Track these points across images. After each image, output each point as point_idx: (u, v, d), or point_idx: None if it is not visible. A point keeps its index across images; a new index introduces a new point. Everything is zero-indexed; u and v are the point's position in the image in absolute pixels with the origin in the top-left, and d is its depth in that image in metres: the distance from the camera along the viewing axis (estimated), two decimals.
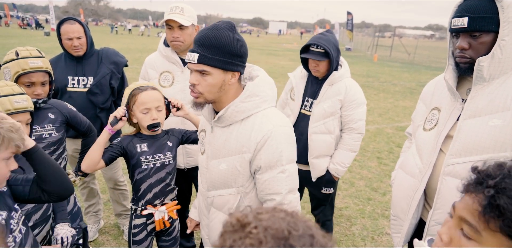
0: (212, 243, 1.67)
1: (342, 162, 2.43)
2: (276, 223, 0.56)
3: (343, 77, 2.34)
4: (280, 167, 1.42)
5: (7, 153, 1.15)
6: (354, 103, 2.33)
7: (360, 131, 2.41)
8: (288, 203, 1.45)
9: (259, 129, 1.40)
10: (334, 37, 2.32)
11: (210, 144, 1.55)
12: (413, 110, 8.13)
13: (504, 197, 0.77)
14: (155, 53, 2.40)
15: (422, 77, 14.99)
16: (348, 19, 27.86)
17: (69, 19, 2.50)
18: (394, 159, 5.20)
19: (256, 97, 1.43)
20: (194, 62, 1.34)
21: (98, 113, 2.64)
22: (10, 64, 1.81)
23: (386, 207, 3.75)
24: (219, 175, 1.52)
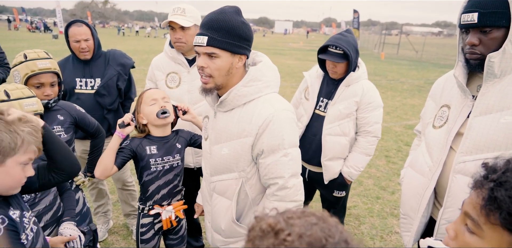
0: (215, 230, 1.68)
1: (356, 166, 2.37)
2: (309, 229, 0.55)
3: (360, 79, 2.29)
4: (283, 150, 1.43)
5: (25, 157, 1.15)
6: (370, 105, 2.28)
7: (376, 134, 2.35)
8: (291, 186, 1.47)
9: (261, 113, 1.41)
10: (354, 38, 2.27)
11: (213, 129, 1.57)
12: (422, 108, 8.05)
13: (502, 190, 0.77)
14: (161, 55, 2.41)
15: (430, 75, 14.84)
16: (354, 17, 27.70)
17: (77, 22, 2.52)
18: (402, 157, 5.15)
19: (259, 81, 1.45)
20: (204, 44, 1.35)
21: (105, 114, 2.65)
22: (19, 67, 1.84)
23: (395, 206, 3.71)
24: (221, 160, 1.54)
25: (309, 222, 0.57)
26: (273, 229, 0.56)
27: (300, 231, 0.55)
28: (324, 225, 0.57)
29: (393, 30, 57.16)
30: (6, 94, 1.50)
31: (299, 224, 0.56)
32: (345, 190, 2.51)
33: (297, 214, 0.59)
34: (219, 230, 1.65)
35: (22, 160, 1.14)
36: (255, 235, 0.58)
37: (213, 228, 1.70)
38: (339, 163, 2.40)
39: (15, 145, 1.10)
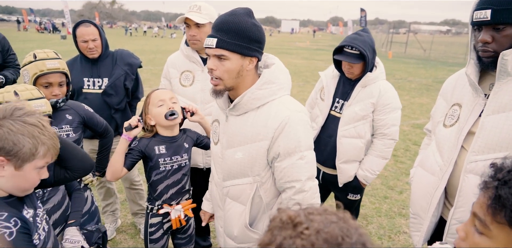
0: (228, 236, 1.66)
1: (371, 169, 2.30)
2: (328, 226, 0.56)
3: (378, 79, 2.22)
4: (299, 153, 1.41)
5: (43, 161, 1.15)
6: (388, 107, 2.19)
7: (393, 137, 2.27)
8: (308, 189, 1.45)
9: (276, 116, 1.39)
10: (370, 37, 2.19)
11: (225, 133, 1.54)
12: (430, 107, 7.93)
13: (506, 188, 0.77)
14: (177, 52, 2.41)
15: (438, 73, 14.70)
16: (361, 16, 27.55)
17: (85, 22, 2.54)
18: (410, 157, 5.11)
19: (273, 84, 1.43)
20: (213, 46, 1.35)
21: (113, 114, 2.67)
22: (29, 66, 1.85)
23: (403, 205, 3.68)
24: (235, 164, 1.52)
25: (329, 219, 0.57)
26: (292, 221, 0.57)
27: (318, 227, 0.55)
28: (344, 225, 0.57)
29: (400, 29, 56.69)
30: (16, 94, 1.52)
31: (319, 220, 0.57)
32: (359, 193, 2.45)
33: (318, 211, 0.60)
34: (232, 235, 1.62)
35: (39, 165, 1.15)
36: (275, 225, 0.59)
37: (225, 233, 1.67)
38: (354, 166, 2.33)
39: (36, 151, 1.11)
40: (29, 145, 1.09)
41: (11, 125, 1.07)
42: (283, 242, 0.55)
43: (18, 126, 1.08)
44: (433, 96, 9.56)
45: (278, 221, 0.59)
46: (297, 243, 0.54)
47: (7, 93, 1.51)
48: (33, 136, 1.10)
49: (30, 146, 1.09)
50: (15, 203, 1.15)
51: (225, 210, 1.63)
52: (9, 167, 1.09)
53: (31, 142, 1.09)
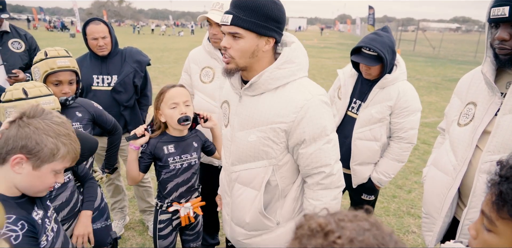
0: (236, 223, 1.61)
1: (386, 172, 2.23)
2: (362, 234, 0.53)
3: (397, 80, 2.11)
4: (326, 137, 1.36)
5: (61, 165, 1.15)
6: (406, 110, 2.10)
7: (411, 141, 2.18)
8: (336, 172, 1.42)
9: (297, 99, 1.33)
10: (390, 38, 2.10)
11: (237, 114, 1.47)
12: (439, 105, 7.86)
13: (506, 184, 0.79)
14: (199, 48, 2.38)
15: (447, 72, 14.53)
16: (369, 14, 27.30)
17: (94, 20, 2.55)
18: (419, 155, 5.06)
19: (293, 63, 1.36)
20: (228, 23, 1.28)
21: (122, 111, 2.68)
22: (39, 64, 1.86)
23: (411, 205, 3.65)
24: (247, 148, 1.44)
25: (362, 227, 0.54)
26: (322, 229, 0.54)
27: (351, 235, 0.52)
28: (378, 232, 0.54)
29: (409, 26, 56.16)
30: (24, 92, 1.52)
31: (351, 227, 0.54)
32: (374, 194, 2.40)
33: (349, 217, 0.56)
34: (242, 223, 1.56)
35: (57, 168, 1.14)
36: (303, 234, 0.56)
37: (233, 221, 1.62)
38: (369, 168, 2.27)
39: (56, 152, 1.10)
40: (51, 146, 1.08)
41: (38, 124, 1.07)
42: None
43: (44, 126, 1.08)
44: (442, 95, 9.46)
45: (307, 229, 0.56)
46: None
47: (16, 90, 1.52)
48: (57, 136, 1.10)
49: (52, 146, 1.09)
50: (25, 204, 1.15)
51: (234, 196, 1.57)
52: (28, 165, 1.09)
53: (53, 143, 1.09)
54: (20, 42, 3.00)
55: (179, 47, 20.88)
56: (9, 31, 2.96)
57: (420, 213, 3.46)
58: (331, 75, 11.82)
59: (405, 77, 2.18)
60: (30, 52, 3.06)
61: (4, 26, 2.94)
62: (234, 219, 1.61)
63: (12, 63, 2.89)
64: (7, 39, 2.94)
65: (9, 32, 2.96)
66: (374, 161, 2.27)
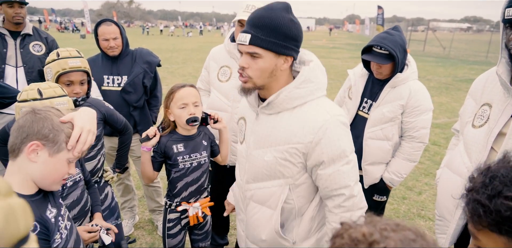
0: (251, 241, 1.58)
1: (398, 172, 2.21)
2: (407, 245, 0.50)
3: (408, 80, 2.11)
4: (345, 158, 1.33)
5: (74, 156, 1.16)
6: (417, 109, 2.09)
7: (422, 140, 2.16)
8: (357, 194, 1.37)
9: (315, 120, 1.30)
10: (401, 37, 2.08)
11: (253, 132, 1.44)
12: (450, 106, 7.75)
13: (471, 195, 0.80)
14: (220, 46, 2.40)
15: (458, 72, 14.36)
16: (378, 14, 27.12)
17: (106, 21, 2.58)
18: (429, 157, 5.01)
19: (311, 83, 1.33)
20: (246, 43, 1.25)
21: (131, 111, 2.70)
22: (52, 64, 1.89)
23: (422, 206, 3.61)
24: (263, 166, 1.41)
25: (407, 237, 0.51)
26: (366, 239, 0.51)
27: (397, 246, 0.49)
28: (423, 242, 0.51)
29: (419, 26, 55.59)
30: (39, 92, 1.54)
31: (395, 238, 0.51)
32: (385, 195, 2.37)
33: (391, 227, 0.54)
34: (257, 241, 1.53)
35: (71, 157, 1.15)
36: (343, 243, 0.53)
37: (248, 239, 1.59)
38: (381, 168, 2.25)
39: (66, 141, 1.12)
40: (67, 130, 1.10)
41: (49, 112, 1.09)
42: None
43: (56, 112, 1.10)
44: (453, 95, 9.35)
45: (347, 238, 0.53)
46: None
47: (31, 91, 1.54)
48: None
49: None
50: (40, 202, 1.15)
51: (249, 215, 1.54)
52: (43, 153, 1.09)
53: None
54: (41, 45, 3.05)
55: (188, 48, 20.98)
56: (32, 34, 3.02)
57: (431, 215, 3.43)
58: (340, 76, 11.76)
59: (416, 77, 2.17)
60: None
61: (27, 29, 3.00)
62: (249, 237, 1.58)
63: (31, 66, 2.94)
64: (28, 42, 3.00)
65: (32, 35, 3.02)
66: (386, 161, 2.25)
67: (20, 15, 2.90)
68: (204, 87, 2.50)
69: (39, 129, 1.07)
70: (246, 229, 1.58)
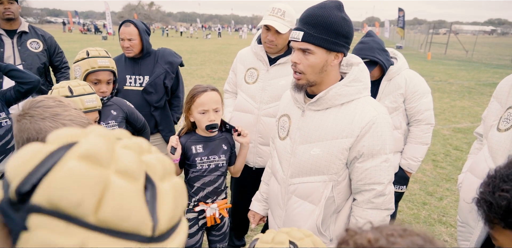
0: None
1: (414, 156, 2.33)
2: None
3: (401, 70, 2.26)
4: (384, 155, 1.37)
5: None
6: (417, 94, 2.24)
7: (429, 121, 2.30)
8: (388, 193, 1.41)
9: (363, 115, 1.35)
10: (376, 40, 2.25)
11: (299, 128, 1.49)
12: (472, 110, 7.55)
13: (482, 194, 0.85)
14: (247, 48, 2.41)
15: (481, 76, 13.98)
16: (399, 16, 26.72)
17: (126, 22, 2.61)
18: (451, 162, 4.89)
19: (360, 82, 1.40)
20: (298, 40, 1.32)
21: (152, 111, 2.72)
22: (81, 62, 1.94)
23: (443, 212, 3.52)
24: (309, 161, 1.45)
25: (415, 242, 0.49)
26: (372, 245, 0.50)
27: None
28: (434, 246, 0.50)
29: (440, 29, 54.49)
30: (70, 90, 1.59)
31: (403, 243, 0.49)
32: (405, 184, 2.44)
33: (398, 232, 0.52)
34: None
35: None
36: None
37: None
38: (397, 157, 2.36)
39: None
40: (52, 130, 1.02)
41: (33, 112, 1.04)
42: None
43: (40, 111, 1.04)
44: (476, 99, 9.11)
45: (353, 244, 0.51)
46: None
47: (62, 88, 1.59)
48: (55, 118, 1.04)
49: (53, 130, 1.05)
50: None
51: (290, 209, 1.56)
52: None
53: (52, 126, 1.03)
54: (38, 42, 3.09)
55: (206, 50, 21.17)
56: (28, 31, 3.05)
57: (453, 222, 3.34)
58: None
59: (407, 66, 2.33)
60: (50, 52, 3.15)
61: (23, 27, 3.03)
62: None
63: (30, 63, 2.98)
64: (26, 39, 3.03)
65: (28, 32, 3.05)
66: (400, 149, 2.38)
67: (10, 10, 2.89)
68: (231, 89, 2.52)
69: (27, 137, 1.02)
70: (284, 223, 1.61)
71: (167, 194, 0.41)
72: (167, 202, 0.41)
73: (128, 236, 0.37)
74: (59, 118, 1.04)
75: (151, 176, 0.40)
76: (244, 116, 2.26)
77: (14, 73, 2.29)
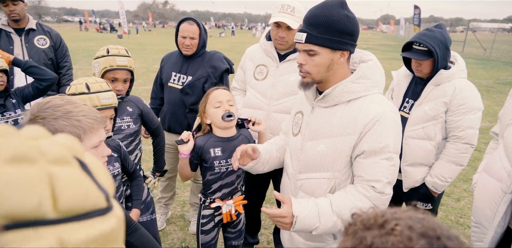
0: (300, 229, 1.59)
1: (441, 175, 2.08)
2: (418, 222, 0.51)
3: (454, 77, 2.02)
4: (387, 153, 1.33)
5: (93, 141, 1.07)
6: (463, 107, 1.97)
7: (469, 141, 2.02)
8: (388, 194, 1.36)
9: (368, 112, 1.34)
10: (443, 34, 2.02)
11: (308, 124, 1.50)
12: (491, 110, 7.37)
13: None
14: (256, 45, 2.42)
15: (501, 74, 13.64)
16: (415, 14, 26.28)
17: (189, 20, 2.61)
18: (469, 162, 4.76)
19: (368, 79, 1.38)
20: (302, 41, 1.33)
21: (186, 112, 2.66)
22: (100, 60, 1.98)
23: (460, 214, 3.46)
24: (315, 157, 1.46)
25: (416, 216, 0.53)
26: (378, 220, 0.53)
27: (408, 223, 0.51)
28: (434, 220, 0.53)
29: (457, 27, 53.31)
30: (87, 87, 1.62)
31: (405, 217, 0.52)
32: (431, 202, 2.23)
33: (401, 210, 0.56)
34: (303, 233, 1.55)
35: (92, 144, 1.06)
36: (356, 229, 0.54)
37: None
38: (422, 171, 2.14)
39: (79, 134, 1.02)
40: (68, 128, 1.00)
41: (43, 113, 1.01)
42: (374, 241, 0.50)
43: (52, 112, 1.02)
44: (495, 98, 8.90)
45: (360, 223, 0.54)
46: (391, 240, 0.49)
47: (79, 85, 1.63)
48: (67, 117, 1.01)
49: (69, 129, 1.01)
50: None
51: None
52: None
53: (67, 125, 1.00)
54: (45, 38, 3.19)
55: (220, 48, 21.20)
56: (35, 28, 3.16)
57: (470, 223, 3.27)
58: None
59: (464, 75, 2.06)
60: (56, 48, 3.24)
61: (30, 24, 3.14)
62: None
63: (36, 59, 3.06)
64: (33, 36, 3.14)
65: (35, 29, 3.16)
66: (428, 163, 2.14)
67: (15, 12, 2.99)
68: (239, 87, 2.52)
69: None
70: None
71: (96, 166, 0.44)
72: (101, 172, 0.44)
73: (92, 214, 0.39)
74: (72, 115, 1.03)
75: (76, 155, 0.42)
76: (254, 112, 2.27)
77: (33, 69, 2.34)
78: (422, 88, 2.11)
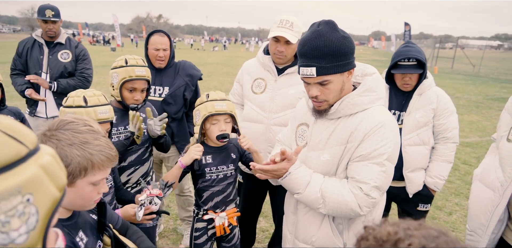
0: (302, 241, 1.59)
1: (440, 175, 2.28)
2: (432, 241, 0.51)
3: (432, 86, 2.26)
4: (379, 159, 1.35)
5: (98, 176, 1.02)
6: (447, 111, 2.23)
7: (455, 140, 2.29)
8: (374, 197, 1.35)
9: (369, 120, 1.37)
10: (418, 47, 2.26)
11: (312, 135, 1.53)
12: (480, 125, 7.50)
13: None
14: (253, 59, 2.45)
15: (489, 90, 13.94)
16: (405, 30, 26.93)
17: (159, 32, 2.66)
18: (460, 176, 4.84)
19: (373, 92, 1.42)
20: (314, 76, 1.33)
21: (170, 122, 2.69)
22: (119, 70, 1.99)
23: (452, 227, 3.48)
24: (319, 167, 1.48)
25: (430, 234, 0.52)
26: (391, 238, 0.52)
27: (421, 243, 0.50)
28: (447, 239, 0.52)
29: (447, 44, 54.64)
30: (85, 100, 1.60)
31: (419, 235, 0.52)
32: (430, 202, 2.41)
33: (414, 226, 0.55)
34: (308, 240, 1.56)
35: (94, 180, 1.02)
36: (369, 244, 0.54)
37: (298, 239, 1.62)
38: (421, 174, 2.31)
39: (87, 164, 0.98)
40: (78, 159, 0.96)
41: (61, 135, 0.97)
42: None
43: (69, 136, 0.97)
44: (484, 114, 9.07)
45: (372, 239, 0.54)
46: None
47: (77, 97, 1.60)
48: (84, 147, 0.98)
49: (79, 160, 0.96)
50: (72, 227, 1.05)
51: (301, 213, 1.58)
52: None
53: (80, 155, 0.96)
54: (69, 53, 3.30)
55: (213, 62, 21.41)
56: (64, 43, 3.29)
57: (463, 237, 3.29)
58: None
59: (434, 84, 2.32)
60: (77, 60, 3.34)
61: (60, 38, 3.28)
62: (299, 237, 1.60)
63: (55, 71, 3.23)
64: (58, 50, 3.27)
65: (64, 44, 3.29)
66: (424, 166, 2.32)
67: (53, 30, 3.22)
68: (236, 101, 2.54)
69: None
70: (297, 229, 1.61)
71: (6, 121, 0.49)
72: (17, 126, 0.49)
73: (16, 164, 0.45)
74: (88, 146, 0.98)
75: None
76: (253, 126, 2.28)
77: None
78: (404, 99, 2.30)
